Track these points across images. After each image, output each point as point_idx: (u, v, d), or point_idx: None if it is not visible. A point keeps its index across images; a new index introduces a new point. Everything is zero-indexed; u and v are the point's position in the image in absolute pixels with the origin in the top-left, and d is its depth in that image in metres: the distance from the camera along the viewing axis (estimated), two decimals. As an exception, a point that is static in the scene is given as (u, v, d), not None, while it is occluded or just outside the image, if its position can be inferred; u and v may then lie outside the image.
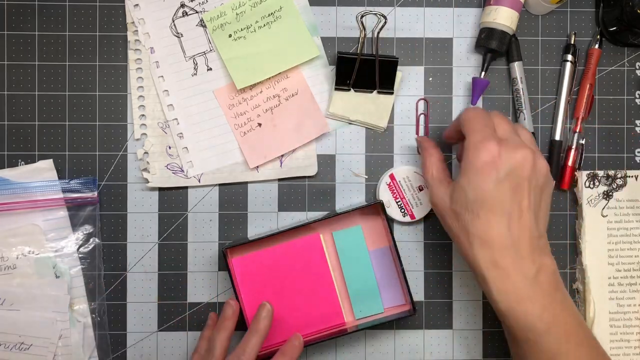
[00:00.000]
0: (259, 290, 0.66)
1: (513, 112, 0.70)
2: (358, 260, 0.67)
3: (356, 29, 0.67)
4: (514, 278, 0.54)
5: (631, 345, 0.68)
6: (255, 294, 0.66)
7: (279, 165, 0.69)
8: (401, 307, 0.67)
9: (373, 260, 0.67)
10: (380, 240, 0.68)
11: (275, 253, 0.66)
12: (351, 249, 0.67)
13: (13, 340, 0.65)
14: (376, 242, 0.67)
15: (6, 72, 0.68)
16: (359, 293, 0.67)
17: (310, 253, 0.67)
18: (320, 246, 0.67)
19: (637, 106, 0.70)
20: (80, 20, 0.69)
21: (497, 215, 0.54)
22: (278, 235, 0.66)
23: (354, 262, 0.67)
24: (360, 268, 0.67)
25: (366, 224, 0.68)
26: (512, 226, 0.54)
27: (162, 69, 0.68)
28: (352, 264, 0.67)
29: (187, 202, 0.69)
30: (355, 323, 0.67)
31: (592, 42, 0.70)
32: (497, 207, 0.54)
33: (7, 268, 0.66)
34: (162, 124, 0.68)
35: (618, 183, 0.69)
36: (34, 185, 0.66)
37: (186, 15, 0.68)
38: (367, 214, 0.68)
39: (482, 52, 0.68)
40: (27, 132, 0.68)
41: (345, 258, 0.67)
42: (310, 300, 0.67)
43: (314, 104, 0.69)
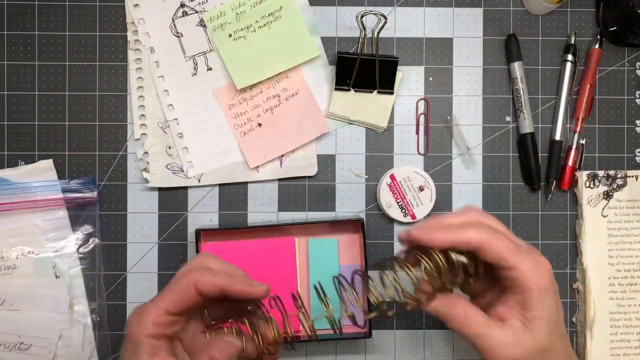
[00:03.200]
0: None
1: (513, 112, 0.70)
2: (327, 272, 0.66)
3: (356, 29, 0.67)
4: None
5: (631, 345, 0.68)
6: None
7: (279, 165, 0.69)
8: (359, 327, 0.67)
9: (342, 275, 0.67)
10: (354, 256, 0.67)
11: (248, 247, 0.66)
12: (323, 260, 0.66)
13: (13, 340, 0.65)
14: (350, 257, 0.67)
15: (6, 72, 0.68)
16: (320, 306, 0.67)
17: (281, 255, 0.66)
18: (293, 250, 0.67)
19: (637, 106, 0.70)
20: (80, 20, 0.69)
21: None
22: (255, 230, 0.65)
23: (322, 273, 0.66)
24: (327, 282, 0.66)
25: (344, 238, 0.67)
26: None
27: (162, 69, 0.68)
28: (320, 274, 0.66)
29: (187, 202, 0.69)
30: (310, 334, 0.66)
31: (592, 42, 0.70)
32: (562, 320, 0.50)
33: (7, 268, 0.66)
34: (162, 124, 0.68)
35: (618, 183, 0.69)
36: (34, 185, 0.66)
37: (186, 15, 0.68)
38: (348, 228, 0.67)
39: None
40: (27, 132, 0.68)
41: (315, 267, 0.67)
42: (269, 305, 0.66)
43: (314, 104, 0.69)
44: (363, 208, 0.69)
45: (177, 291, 0.47)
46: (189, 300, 0.48)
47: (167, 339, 0.48)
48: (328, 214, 0.69)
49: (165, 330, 0.47)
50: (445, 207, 0.69)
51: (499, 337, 0.47)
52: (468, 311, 0.49)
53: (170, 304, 0.47)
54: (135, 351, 0.46)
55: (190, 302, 0.48)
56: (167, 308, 0.47)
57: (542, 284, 0.48)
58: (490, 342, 0.47)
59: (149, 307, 0.47)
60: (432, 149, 0.70)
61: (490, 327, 0.48)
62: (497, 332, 0.48)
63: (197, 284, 0.47)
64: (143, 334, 0.46)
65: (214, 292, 0.48)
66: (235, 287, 0.48)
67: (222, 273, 0.49)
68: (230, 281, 0.48)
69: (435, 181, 0.68)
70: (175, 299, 0.47)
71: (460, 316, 0.49)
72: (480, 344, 0.48)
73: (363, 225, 0.65)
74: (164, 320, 0.47)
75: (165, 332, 0.47)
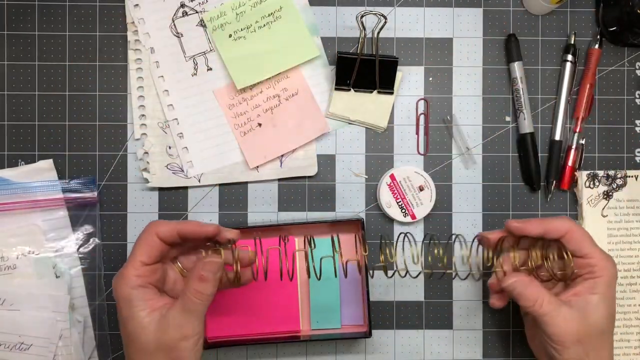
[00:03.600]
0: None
1: (513, 112, 0.70)
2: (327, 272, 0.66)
3: (356, 29, 0.67)
4: None
5: (631, 345, 0.68)
6: None
7: (279, 165, 0.69)
8: (359, 326, 0.67)
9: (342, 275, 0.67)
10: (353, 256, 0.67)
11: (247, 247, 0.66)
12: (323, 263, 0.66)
13: (13, 340, 0.65)
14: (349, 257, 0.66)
15: (6, 72, 0.68)
16: (320, 304, 0.67)
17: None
18: (292, 250, 0.66)
19: (637, 106, 0.70)
20: (80, 20, 0.69)
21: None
22: (255, 230, 0.65)
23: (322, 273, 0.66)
24: (327, 281, 0.66)
25: (344, 237, 0.67)
26: None
27: (162, 69, 0.68)
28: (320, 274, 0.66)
29: (187, 202, 0.69)
30: (310, 333, 0.67)
31: (592, 42, 0.70)
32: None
33: (7, 268, 0.66)
34: (162, 124, 0.68)
35: (618, 183, 0.69)
36: (34, 185, 0.66)
37: (186, 15, 0.68)
38: (348, 228, 0.67)
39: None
40: (27, 132, 0.68)
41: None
42: (270, 301, 0.67)
43: (314, 104, 0.69)
44: (363, 208, 0.69)
45: (143, 243, 0.55)
46: (156, 248, 0.55)
47: (153, 287, 0.55)
48: (328, 214, 0.69)
49: (148, 278, 0.54)
50: (445, 207, 0.69)
51: (566, 315, 0.54)
52: (540, 291, 0.56)
53: (142, 255, 0.54)
54: (130, 304, 0.53)
55: (158, 249, 0.55)
56: (142, 259, 0.54)
57: (611, 274, 0.56)
58: (558, 319, 0.54)
59: (126, 266, 0.54)
60: (432, 149, 0.70)
61: (559, 306, 0.55)
62: (564, 310, 0.54)
63: (157, 233, 0.55)
64: (130, 287, 0.53)
65: (172, 236, 0.55)
66: (188, 227, 0.56)
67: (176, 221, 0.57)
68: (183, 224, 0.56)
69: (435, 181, 0.68)
70: (145, 249, 0.54)
71: (533, 295, 0.55)
72: (548, 320, 0.54)
73: (363, 225, 0.65)
74: (143, 270, 0.54)
75: (148, 280, 0.54)
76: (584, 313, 0.55)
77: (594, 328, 0.55)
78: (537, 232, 0.58)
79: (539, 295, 0.55)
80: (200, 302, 0.53)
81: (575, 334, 0.54)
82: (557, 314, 0.54)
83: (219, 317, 0.66)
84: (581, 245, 0.57)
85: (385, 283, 0.69)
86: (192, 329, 0.52)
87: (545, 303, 0.55)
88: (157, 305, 0.53)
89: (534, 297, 0.55)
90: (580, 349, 0.54)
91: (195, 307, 0.53)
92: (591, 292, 0.55)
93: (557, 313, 0.54)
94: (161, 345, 0.52)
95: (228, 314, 0.66)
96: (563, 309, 0.55)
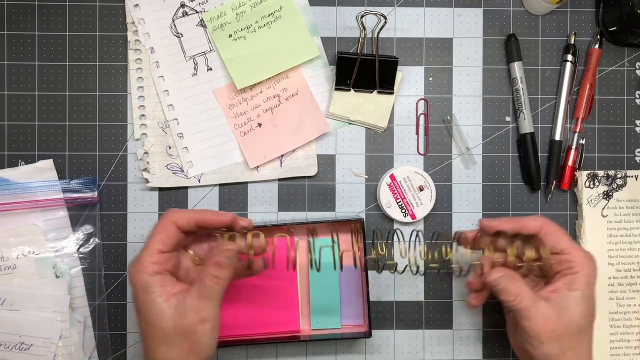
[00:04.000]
0: None
1: (513, 112, 0.70)
2: (327, 272, 0.66)
3: (356, 29, 0.67)
4: None
5: (631, 345, 0.68)
6: None
7: (279, 165, 0.69)
8: (359, 326, 0.67)
9: (342, 275, 0.67)
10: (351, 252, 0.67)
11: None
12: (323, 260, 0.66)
13: (13, 340, 0.65)
14: (350, 257, 0.66)
15: (6, 72, 0.68)
16: (320, 304, 0.67)
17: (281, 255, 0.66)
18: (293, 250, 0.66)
19: (637, 106, 0.70)
20: (80, 20, 0.69)
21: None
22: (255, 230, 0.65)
23: (322, 273, 0.66)
24: (327, 280, 0.67)
25: (345, 238, 0.67)
26: None
27: (162, 69, 0.68)
28: (320, 274, 0.67)
29: (187, 202, 0.69)
30: (310, 333, 0.67)
31: (592, 42, 0.70)
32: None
33: (7, 268, 0.66)
34: (162, 124, 0.68)
35: (618, 183, 0.69)
36: (34, 186, 0.66)
37: (186, 15, 0.68)
38: (348, 227, 0.67)
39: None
40: (27, 132, 0.68)
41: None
42: (270, 301, 0.67)
43: (314, 104, 0.69)
44: (363, 208, 0.69)
45: (161, 231, 0.55)
46: (173, 236, 0.56)
47: (168, 273, 0.55)
48: (328, 214, 0.69)
49: (164, 265, 0.55)
50: (445, 207, 0.69)
51: (545, 310, 0.55)
52: (522, 286, 0.56)
53: (159, 243, 0.55)
54: (147, 290, 0.53)
55: (175, 238, 0.56)
56: (159, 247, 0.55)
57: (590, 271, 0.56)
58: (535, 315, 0.54)
59: (143, 253, 0.55)
60: (432, 149, 0.70)
61: (538, 301, 0.55)
62: (542, 306, 0.55)
63: (176, 221, 0.56)
64: (147, 273, 0.54)
65: (191, 225, 0.56)
66: (207, 217, 0.57)
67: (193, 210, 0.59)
68: (202, 213, 0.57)
69: (435, 181, 0.68)
70: (162, 238, 0.55)
71: (515, 290, 0.56)
72: (526, 315, 0.55)
73: (363, 225, 0.65)
74: (159, 258, 0.55)
75: (164, 268, 0.55)
76: (562, 310, 0.55)
77: (572, 325, 0.55)
78: (511, 228, 0.59)
79: (520, 290, 0.55)
80: (217, 287, 0.54)
81: (552, 330, 0.54)
82: (535, 309, 0.55)
83: (219, 317, 0.66)
84: (557, 241, 0.57)
85: (385, 283, 0.69)
86: (210, 313, 0.53)
87: (525, 298, 0.55)
88: (173, 291, 0.54)
89: (515, 292, 0.55)
90: (556, 346, 0.54)
91: (212, 291, 0.54)
92: (570, 288, 0.55)
93: (536, 308, 0.55)
94: (180, 330, 0.53)
95: (228, 314, 0.66)
96: (541, 305, 0.55)
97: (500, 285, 0.56)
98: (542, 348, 0.54)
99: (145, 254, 0.55)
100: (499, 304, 0.69)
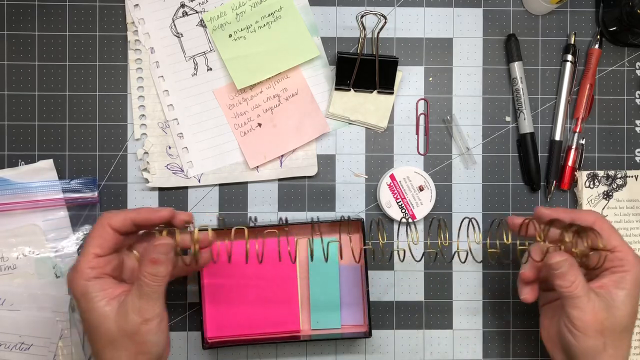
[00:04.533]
0: (222, 281, 0.66)
1: (513, 112, 0.70)
2: (327, 272, 0.67)
3: (356, 29, 0.67)
4: None
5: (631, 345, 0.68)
6: (218, 282, 0.66)
7: (279, 165, 0.69)
8: (359, 326, 0.67)
9: (342, 275, 0.67)
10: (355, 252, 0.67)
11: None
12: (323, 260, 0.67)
13: (13, 340, 0.65)
14: (350, 257, 0.66)
15: (6, 72, 0.68)
16: (320, 304, 0.67)
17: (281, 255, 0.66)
18: (292, 250, 0.66)
19: (637, 106, 0.70)
20: (80, 20, 0.69)
21: None
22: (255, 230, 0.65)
23: (322, 273, 0.67)
24: (327, 280, 0.67)
25: (345, 238, 0.67)
26: None
27: (162, 69, 0.68)
28: (320, 274, 0.67)
29: (187, 202, 0.69)
30: (310, 333, 0.67)
31: (592, 42, 0.70)
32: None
33: (7, 268, 0.66)
34: (162, 124, 0.68)
35: (618, 183, 0.69)
36: (35, 186, 0.66)
37: (186, 15, 0.68)
38: (348, 227, 0.67)
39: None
40: (27, 132, 0.68)
41: (315, 267, 0.67)
42: (270, 302, 0.66)
43: (314, 104, 0.69)
44: (363, 208, 0.69)
45: (96, 235, 0.55)
46: (109, 239, 0.55)
47: (109, 276, 0.55)
48: (328, 214, 0.69)
49: (102, 269, 0.54)
50: (445, 207, 0.69)
51: (594, 303, 0.54)
52: (579, 274, 0.55)
53: (95, 247, 0.54)
54: (87, 296, 0.53)
55: (111, 240, 0.55)
56: (95, 252, 0.54)
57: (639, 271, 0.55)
58: (586, 306, 0.54)
59: (79, 259, 0.54)
60: (432, 149, 0.70)
61: (590, 293, 0.54)
62: (593, 298, 0.54)
63: (110, 223, 0.55)
64: (84, 279, 0.53)
65: (126, 225, 0.55)
66: (141, 214, 0.56)
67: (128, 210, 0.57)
68: (136, 211, 0.56)
69: (435, 181, 0.68)
70: (98, 242, 0.54)
71: (572, 277, 0.54)
72: (577, 305, 0.54)
73: (363, 225, 0.64)
74: (96, 262, 0.54)
75: (103, 271, 0.54)
76: (609, 306, 0.54)
77: (618, 323, 0.54)
78: (566, 218, 0.58)
79: (577, 278, 0.54)
80: (155, 285, 0.53)
81: (600, 323, 0.54)
82: (587, 300, 0.54)
83: (219, 317, 0.66)
84: (610, 238, 0.56)
85: (385, 283, 0.69)
86: (152, 311, 0.53)
87: (579, 287, 0.54)
88: (115, 293, 0.53)
89: (572, 279, 0.54)
90: (600, 341, 0.54)
91: (150, 289, 0.53)
92: (618, 286, 0.55)
93: (588, 299, 0.54)
94: (124, 332, 0.52)
95: (228, 314, 0.66)
96: (593, 297, 0.54)
97: (561, 269, 0.55)
98: (586, 341, 0.54)
99: (82, 260, 0.54)
100: (499, 304, 0.69)
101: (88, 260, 0.54)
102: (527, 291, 0.60)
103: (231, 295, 0.66)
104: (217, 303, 0.66)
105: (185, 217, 0.57)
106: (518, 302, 0.69)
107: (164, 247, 0.54)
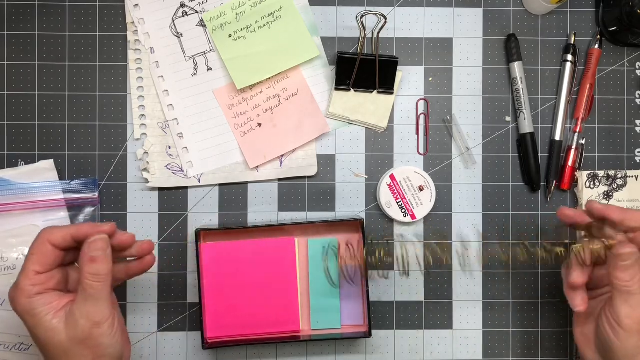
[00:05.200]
0: (222, 281, 0.66)
1: (513, 112, 0.70)
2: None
3: (356, 29, 0.67)
4: None
5: None
6: (217, 282, 0.66)
7: (279, 165, 0.69)
8: (359, 326, 0.67)
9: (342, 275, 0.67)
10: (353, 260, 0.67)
11: (247, 247, 0.66)
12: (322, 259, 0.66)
13: (13, 341, 0.65)
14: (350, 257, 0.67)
15: (6, 72, 0.68)
16: (320, 304, 0.67)
17: (281, 255, 0.66)
18: (292, 250, 0.66)
19: (637, 106, 0.70)
20: (80, 20, 0.69)
21: None
22: (255, 230, 0.65)
23: (322, 273, 0.67)
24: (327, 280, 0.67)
25: (344, 238, 0.67)
26: None
27: (162, 69, 0.68)
28: (320, 274, 0.67)
29: (187, 202, 0.69)
30: (310, 333, 0.67)
31: (592, 42, 0.70)
32: None
33: (7, 268, 0.66)
34: (162, 124, 0.68)
35: (618, 183, 0.69)
36: (35, 186, 0.66)
37: (186, 15, 0.68)
38: (348, 228, 0.67)
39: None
40: (27, 132, 0.68)
41: (315, 267, 0.67)
42: (270, 302, 0.66)
43: (314, 104, 0.69)
44: (363, 208, 0.69)
45: (36, 252, 0.53)
46: (49, 255, 0.53)
47: (52, 290, 0.53)
48: (328, 214, 0.69)
49: (45, 285, 0.53)
50: (445, 207, 0.69)
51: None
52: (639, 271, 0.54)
53: (35, 265, 0.53)
54: (32, 313, 0.52)
55: (51, 256, 0.53)
56: (35, 269, 0.53)
57: None
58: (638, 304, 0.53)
59: (19, 277, 0.53)
60: (432, 149, 0.70)
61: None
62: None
63: (50, 240, 0.53)
64: (26, 297, 0.52)
65: (66, 240, 0.54)
66: (82, 230, 0.54)
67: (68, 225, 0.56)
68: (77, 227, 0.54)
69: (435, 181, 0.68)
70: (37, 258, 0.53)
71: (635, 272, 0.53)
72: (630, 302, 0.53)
73: (363, 225, 0.65)
74: (37, 279, 0.52)
75: (46, 287, 0.53)
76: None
77: None
78: (617, 217, 0.56)
79: (639, 274, 0.53)
80: (98, 284, 0.52)
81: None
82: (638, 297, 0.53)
83: (219, 317, 0.66)
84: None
85: (385, 283, 0.69)
86: (100, 314, 0.52)
87: (636, 284, 0.53)
88: (60, 305, 0.52)
89: (634, 274, 0.53)
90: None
91: (95, 291, 0.52)
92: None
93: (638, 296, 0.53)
94: (76, 340, 0.51)
95: (228, 314, 0.66)
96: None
97: (629, 261, 0.54)
98: (628, 340, 0.53)
99: (22, 278, 0.52)
100: (499, 304, 0.69)
101: (28, 278, 0.52)
102: (579, 300, 0.58)
103: (231, 295, 0.66)
104: (217, 303, 0.66)
105: (126, 238, 0.56)
106: (518, 302, 0.69)
107: (99, 243, 0.53)
